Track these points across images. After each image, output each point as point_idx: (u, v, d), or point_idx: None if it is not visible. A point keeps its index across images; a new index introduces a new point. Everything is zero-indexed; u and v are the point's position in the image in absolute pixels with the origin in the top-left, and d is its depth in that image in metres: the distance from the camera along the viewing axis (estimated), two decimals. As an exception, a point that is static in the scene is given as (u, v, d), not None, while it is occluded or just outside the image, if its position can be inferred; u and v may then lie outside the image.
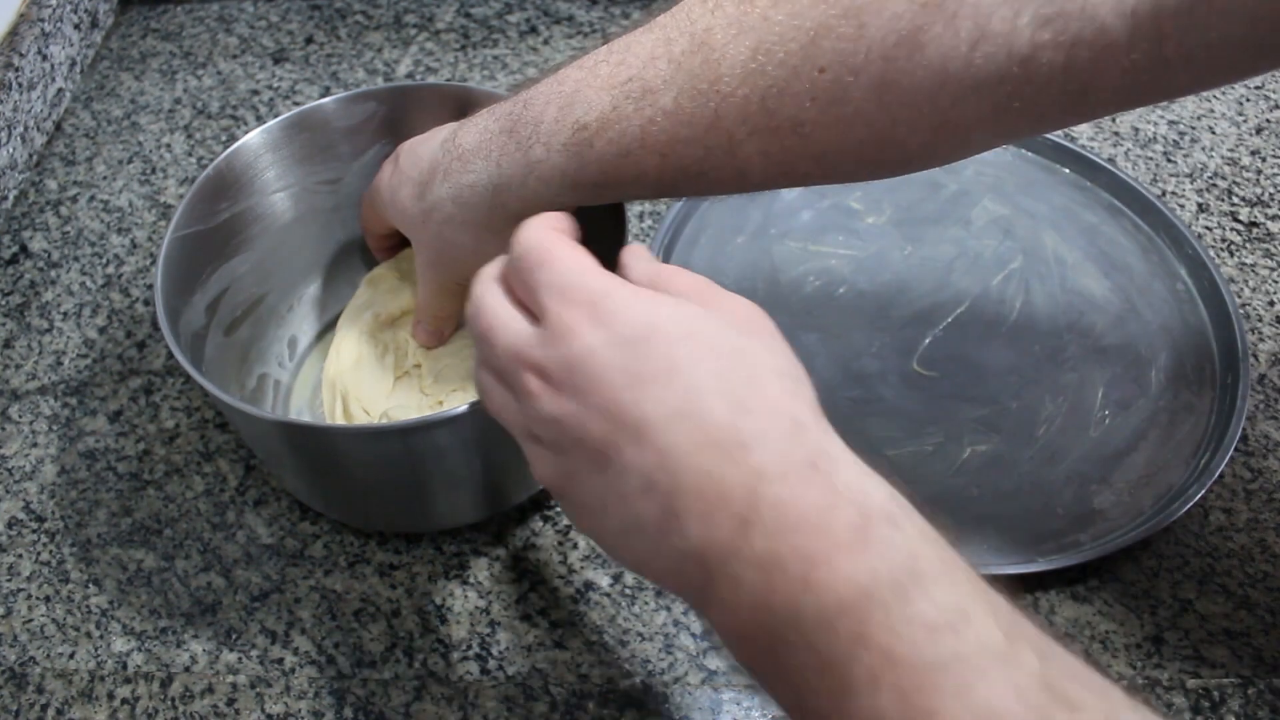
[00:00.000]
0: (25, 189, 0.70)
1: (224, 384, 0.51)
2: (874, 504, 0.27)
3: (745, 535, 0.27)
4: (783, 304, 0.59)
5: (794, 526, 0.26)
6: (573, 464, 0.30)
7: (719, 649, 0.47)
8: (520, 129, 0.40)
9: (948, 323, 0.58)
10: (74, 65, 0.77)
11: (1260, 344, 0.57)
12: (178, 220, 0.47)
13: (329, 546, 0.51)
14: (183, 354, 0.43)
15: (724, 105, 0.36)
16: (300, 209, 0.55)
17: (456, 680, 0.47)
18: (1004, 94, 0.34)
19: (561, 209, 0.37)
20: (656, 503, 0.28)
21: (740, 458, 0.27)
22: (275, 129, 0.51)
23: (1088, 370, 0.55)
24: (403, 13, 0.80)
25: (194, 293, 0.49)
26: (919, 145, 0.36)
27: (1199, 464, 0.51)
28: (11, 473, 0.55)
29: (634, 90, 0.37)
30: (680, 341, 0.29)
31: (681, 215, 0.63)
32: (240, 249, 0.53)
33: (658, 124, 0.37)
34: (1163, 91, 0.34)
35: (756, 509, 0.27)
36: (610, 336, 0.30)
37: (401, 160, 0.46)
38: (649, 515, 0.29)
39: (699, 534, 0.27)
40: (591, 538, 0.32)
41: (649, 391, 0.29)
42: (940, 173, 0.66)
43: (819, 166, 0.38)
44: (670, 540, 0.28)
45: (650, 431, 0.28)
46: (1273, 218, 0.64)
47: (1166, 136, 0.68)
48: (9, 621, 0.50)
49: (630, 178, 0.39)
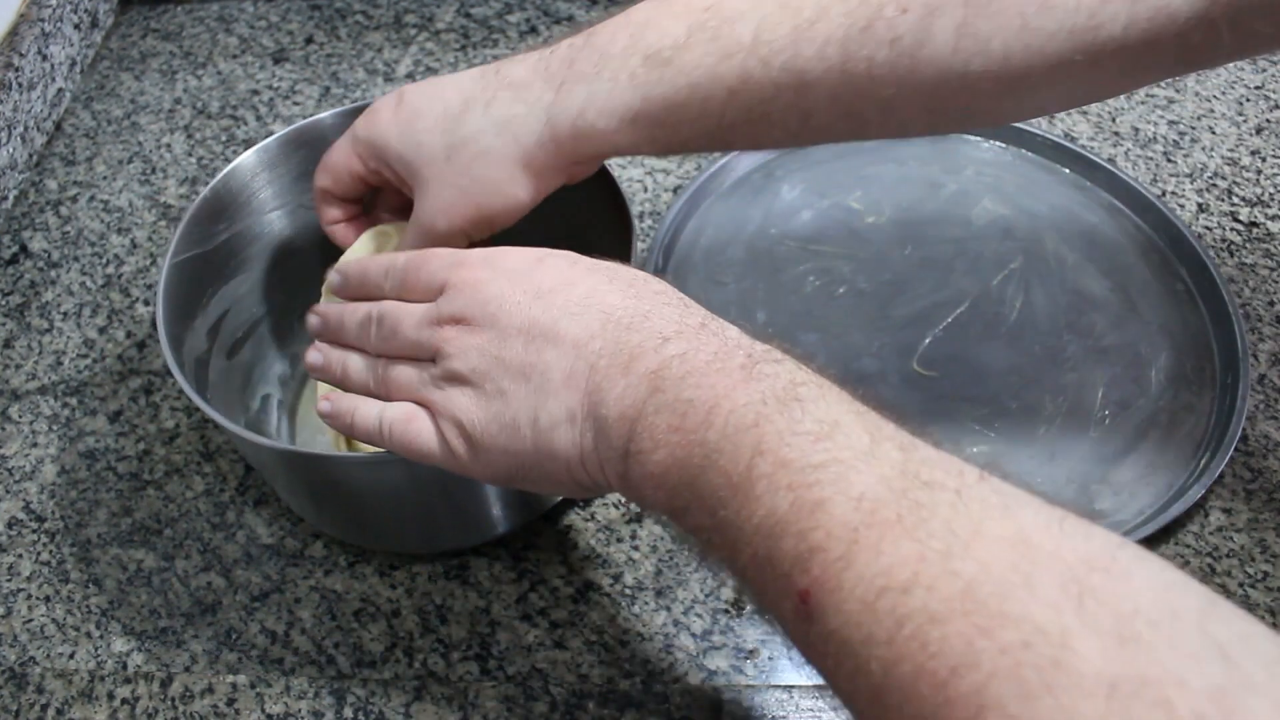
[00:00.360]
0: (25, 189, 0.70)
1: (229, 408, 0.51)
2: (758, 350, 0.32)
3: (658, 386, 0.31)
4: (783, 304, 0.59)
5: (697, 371, 0.31)
6: (498, 385, 0.34)
7: (719, 649, 0.47)
8: (583, 59, 0.40)
9: (948, 323, 0.58)
10: (74, 65, 0.77)
11: (1260, 344, 0.57)
12: (175, 245, 0.47)
13: (329, 546, 0.51)
14: (189, 384, 0.42)
15: (802, 40, 0.37)
16: (298, 225, 0.54)
17: (456, 680, 0.47)
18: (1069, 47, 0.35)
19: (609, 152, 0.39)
20: (578, 387, 0.33)
21: (643, 326, 0.33)
22: (272, 146, 0.51)
23: (1088, 370, 0.55)
24: (403, 13, 0.80)
25: (195, 318, 0.49)
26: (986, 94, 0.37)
27: (1199, 464, 0.51)
28: (11, 473, 0.55)
29: (711, 20, 0.38)
30: (569, 264, 0.35)
31: (681, 215, 0.63)
32: (239, 270, 0.52)
33: (732, 56, 0.38)
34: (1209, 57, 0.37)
35: (665, 363, 0.31)
36: (510, 275, 0.35)
37: (411, 98, 0.44)
38: (574, 401, 0.33)
39: (619, 397, 0.32)
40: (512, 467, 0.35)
41: (555, 300, 0.34)
42: (940, 173, 0.66)
43: (883, 114, 0.39)
44: (594, 418, 0.32)
45: (563, 330, 0.33)
46: (1273, 218, 0.64)
47: (1166, 136, 0.68)
48: (9, 621, 0.50)
49: (694, 114, 0.39)
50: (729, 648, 0.47)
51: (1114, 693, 0.21)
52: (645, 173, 0.67)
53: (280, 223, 0.54)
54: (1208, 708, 0.21)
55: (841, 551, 0.26)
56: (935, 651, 0.24)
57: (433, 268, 0.37)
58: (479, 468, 0.35)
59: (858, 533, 0.26)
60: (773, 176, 0.66)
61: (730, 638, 0.48)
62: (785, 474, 0.28)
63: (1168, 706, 0.21)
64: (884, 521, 0.26)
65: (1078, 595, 0.23)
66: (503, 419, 0.34)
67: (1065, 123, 0.69)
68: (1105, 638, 0.22)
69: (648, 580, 0.49)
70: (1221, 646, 0.22)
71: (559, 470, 0.34)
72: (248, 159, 0.50)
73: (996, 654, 0.23)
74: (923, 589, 0.24)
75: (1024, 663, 0.22)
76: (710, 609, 0.48)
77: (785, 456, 0.28)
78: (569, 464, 0.34)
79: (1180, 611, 0.23)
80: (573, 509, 0.52)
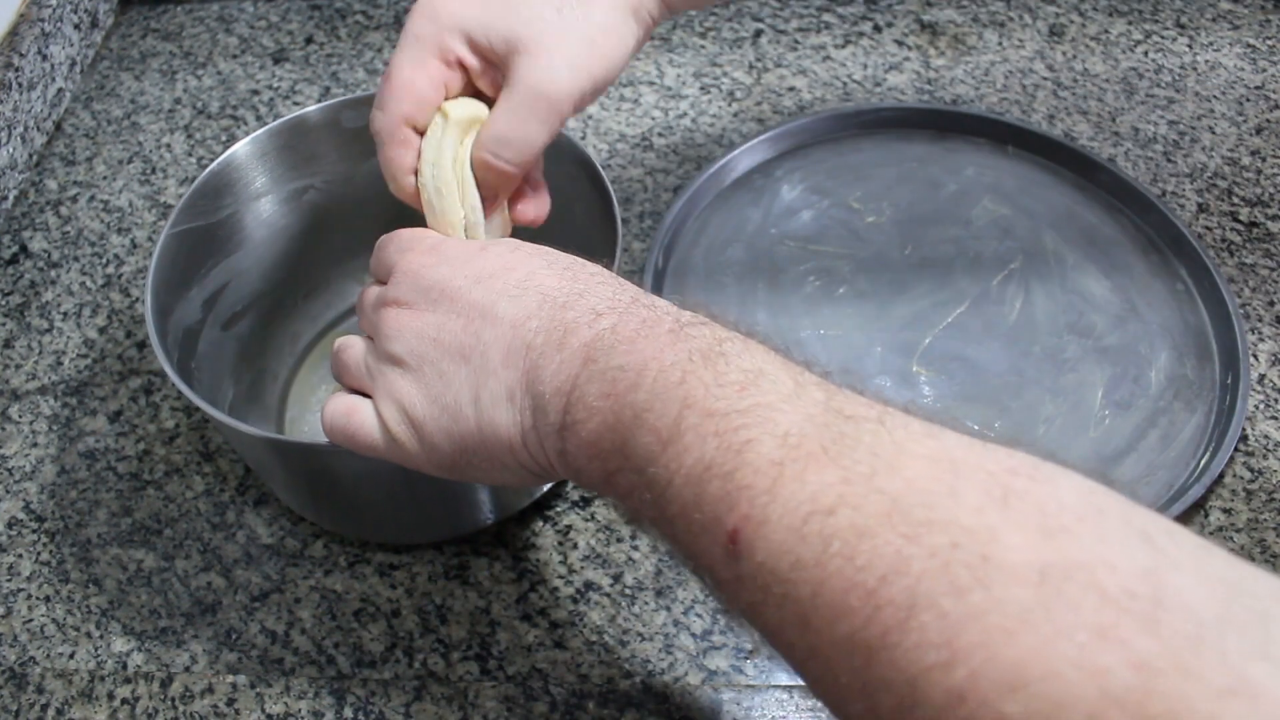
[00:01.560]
0: (25, 189, 0.70)
1: (218, 379, 0.52)
2: (685, 316, 0.33)
3: (590, 358, 0.32)
4: (783, 304, 0.59)
5: (627, 340, 0.31)
6: (438, 367, 0.35)
7: (719, 649, 0.47)
8: None
9: (948, 323, 0.58)
10: (74, 65, 0.77)
11: (1260, 344, 0.57)
12: (177, 215, 0.47)
13: (329, 546, 0.51)
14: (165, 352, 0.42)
15: None
16: (307, 207, 0.55)
17: (456, 680, 0.47)
18: None
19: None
20: (517, 365, 0.33)
21: (577, 304, 0.33)
22: (283, 128, 0.51)
23: (1088, 370, 0.55)
24: (403, 13, 0.80)
25: (190, 288, 0.49)
26: None
27: (1199, 464, 0.51)
28: (11, 473, 0.55)
29: None
30: (509, 251, 0.36)
31: (681, 215, 0.63)
32: (243, 245, 0.53)
33: None
34: None
35: (598, 336, 0.32)
36: (452, 260, 0.36)
37: None
38: (513, 380, 0.33)
39: (554, 373, 0.32)
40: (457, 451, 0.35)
41: (494, 284, 0.35)
42: (940, 172, 0.66)
43: None
44: (532, 395, 0.33)
45: (501, 311, 0.34)
46: (1273, 218, 0.64)
47: (1166, 136, 0.68)
48: (9, 621, 0.50)
49: None
50: (729, 648, 0.47)
51: (1044, 579, 0.22)
52: (645, 173, 0.67)
53: (289, 203, 0.54)
54: (1138, 585, 0.21)
55: (767, 485, 0.26)
56: (863, 564, 0.24)
57: (388, 251, 0.39)
58: (425, 454, 0.35)
59: (783, 467, 0.26)
60: (772, 176, 0.66)
61: (730, 638, 0.48)
62: (711, 422, 0.28)
63: (1098, 587, 0.21)
64: (809, 454, 0.26)
65: (1002, 497, 0.24)
66: (443, 400, 0.34)
67: (1065, 123, 0.69)
68: (1031, 532, 0.23)
69: (648, 580, 0.49)
70: (1146, 534, 0.23)
71: (503, 451, 0.34)
72: (259, 136, 0.51)
73: (925, 557, 0.23)
74: (848, 508, 0.25)
75: (953, 561, 0.23)
76: (710, 609, 0.48)
77: (711, 407, 0.28)
78: (511, 444, 0.34)
79: (1104, 508, 0.24)
80: (573, 509, 0.52)
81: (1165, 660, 0.20)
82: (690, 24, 0.78)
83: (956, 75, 0.73)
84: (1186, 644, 0.20)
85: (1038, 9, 0.78)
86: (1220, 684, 0.20)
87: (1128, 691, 0.20)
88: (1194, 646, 0.20)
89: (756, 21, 0.78)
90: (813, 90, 0.72)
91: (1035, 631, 0.21)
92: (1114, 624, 0.21)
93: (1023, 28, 0.77)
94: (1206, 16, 0.77)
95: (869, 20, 0.78)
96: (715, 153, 0.68)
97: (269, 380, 0.56)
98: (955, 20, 0.77)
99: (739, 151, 0.66)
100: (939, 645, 0.22)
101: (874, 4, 0.79)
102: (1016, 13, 0.78)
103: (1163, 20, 0.77)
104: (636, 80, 0.74)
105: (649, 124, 0.71)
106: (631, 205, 0.66)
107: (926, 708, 0.22)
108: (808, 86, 0.73)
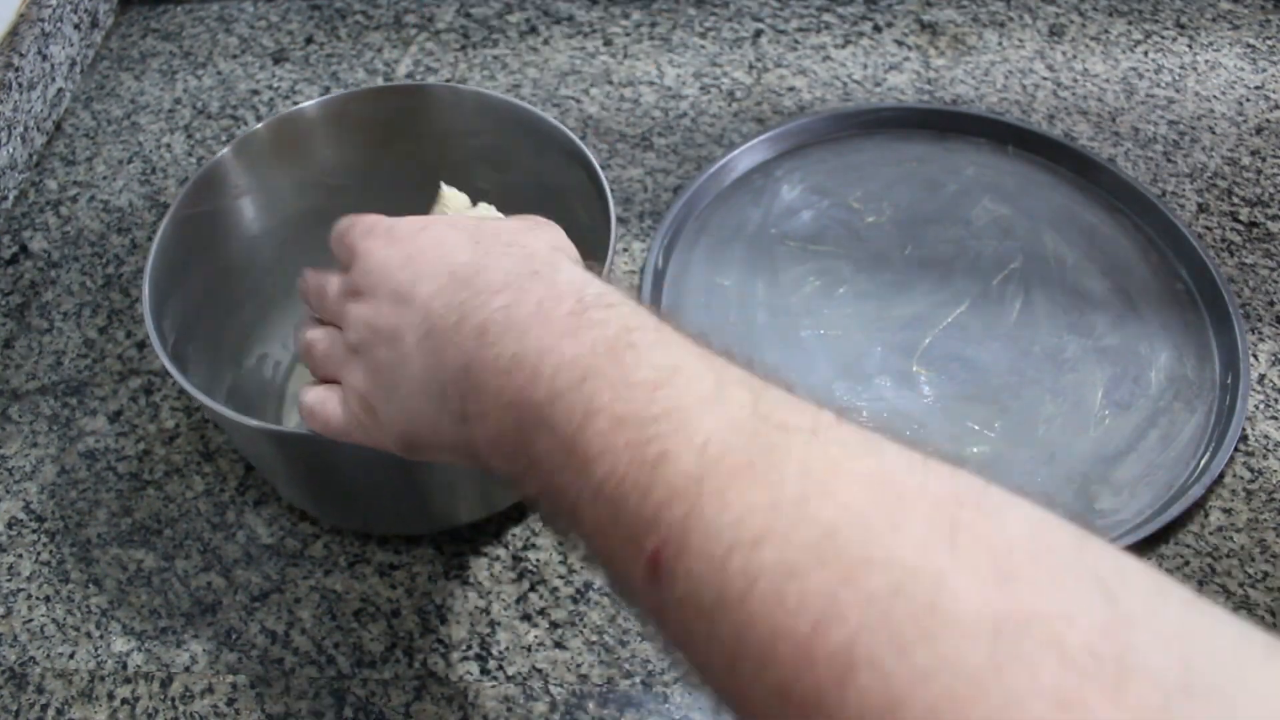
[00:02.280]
0: (25, 189, 0.70)
1: (217, 363, 0.52)
2: (590, 292, 0.30)
3: (484, 345, 0.29)
4: (783, 304, 0.59)
5: (520, 326, 0.29)
6: (377, 354, 0.34)
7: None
8: None
9: (948, 323, 0.58)
10: (74, 65, 0.77)
11: (1260, 344, 0.57)
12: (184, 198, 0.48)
13: (329, 546, 0.51)
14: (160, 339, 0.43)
15: None
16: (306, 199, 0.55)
17: (456, 680, 0.47)
18: None
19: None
20: (428, 349, 0.32)
21: (475, 281, 0.31)
22: (282, 121, 0.51)
23: (1088, 370, 0.55)
24: (403, 13, 0.80)
25: (191, 269, 0.50)
26: None
27: (1199, 464, 0.51)
28: (11, 473, 0.55)
29: None
30: (448, 229, 0.35)
31: (681, 215, 0.63)
32: (249, 230, 0.53)
33: None
34: None
35: (490, 318, 0.30)
36: (394, 242, 0.35)
37: None
38: (427, 364, 0.32)
39: (454, 358, 0.30)
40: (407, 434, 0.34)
41: (419, 263, 0.34)
42: (940, 173, 0.66)
43: None
44: (439, 379, 0.31)
45: (417, 291, 0.33)
46: (1273, 218, 0.64)
47: (1166, 136, 0.68)
48: (9, 621, 0.50)
49: None
50: (729, 648, 0.47)
51: (999, 634, 0.19)
52: (645, 173, 0.67)
53: (298, 190, 0.54)
54: (1099, 643, 0.19)
55: (687, 508, 0.23)
56: (794, 607, 0.21)
57: (352, 236, 0.37)
58: (384, 437, 0.35)
59: (702, 484, 0.23)
60: (772, 176, 0.66)
61: (730, 638, 0.47)
62: (621, 430, 0.25)
63: (1058, 645, 0.19)
64: (731, 469, 0.23)
65: (949, 532, 0.21)
66: (384, 384, 0.34)
67: (1065, 123, 0.69)
68: (982, 576, 0.20)
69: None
70: (1099, 577, 0.21)
71: (433, 436, 0.33)
72: (259, 130, 0.51)
73: (864, 604, 0.20)
74: (776, 540, 0.22)
75: (895, 610, 0.20)
76: (710, 609, 0.48)
77: (619, 412, 0.26)
78: (436, 429, 0.33)
79: (1055, 546, 0.21)
80: (573, 509, 0.52)
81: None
82: (690, 24, 0.78)
83: (956, 75, 0.73)
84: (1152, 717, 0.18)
85: (1038, 9, 0.78)
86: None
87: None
88: None
89: (756, 21, 0.78)
90: (813, 90, 0.72)
91: (988, 699, 0.19)
92: (1076, 690, 0.19)
93: (1023, 28, 0.77)
94: (1206, 16, 0.77)
95: (869, 20, 0.78)
96: (715, 153, 0.68)
97: (267, 374, 0.56)
98: (955, 20, 0.77)
99: (739, 151, 0.66)
100: (881, 711, 0.20)
101: (874, 4, 0.79)
102: (1016, 13, 0.78)
103: (1163, 20, 0.77)
104: (636, 80, 0.74)
105: (649, 124, 0.71)
106: (631, 205, 0.66)
107: None
108: (808, 86, 0.73)
